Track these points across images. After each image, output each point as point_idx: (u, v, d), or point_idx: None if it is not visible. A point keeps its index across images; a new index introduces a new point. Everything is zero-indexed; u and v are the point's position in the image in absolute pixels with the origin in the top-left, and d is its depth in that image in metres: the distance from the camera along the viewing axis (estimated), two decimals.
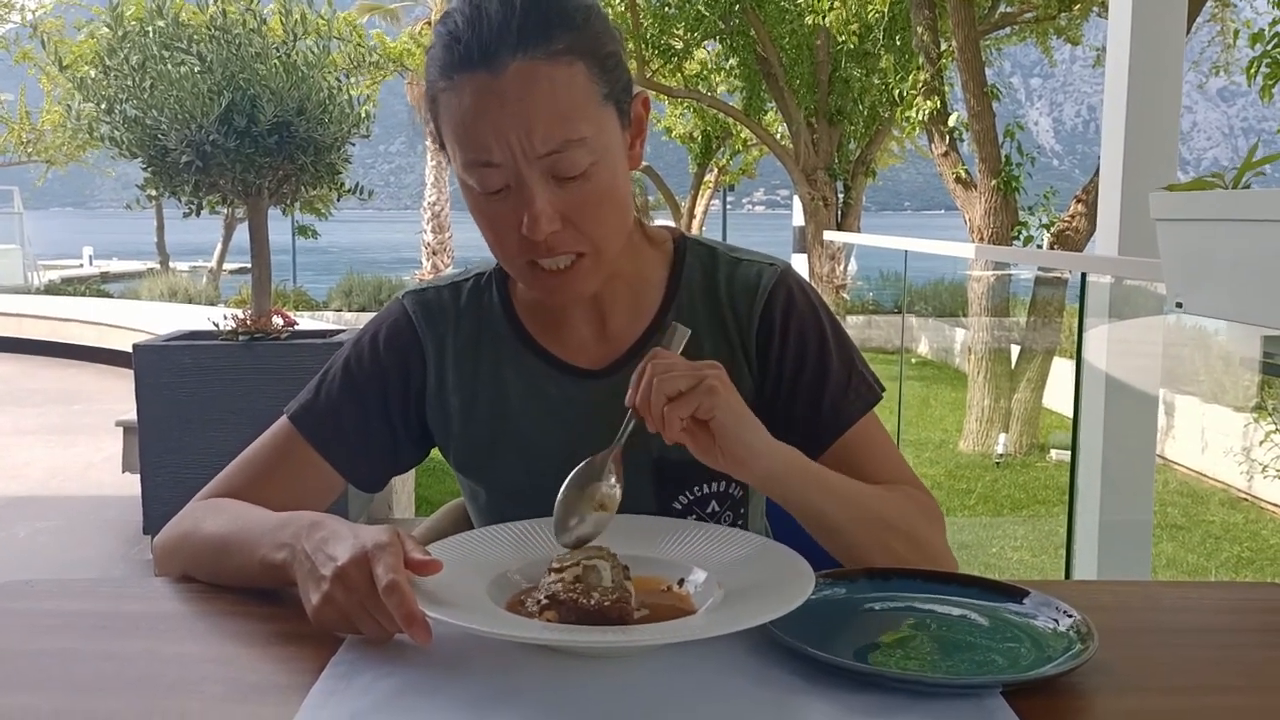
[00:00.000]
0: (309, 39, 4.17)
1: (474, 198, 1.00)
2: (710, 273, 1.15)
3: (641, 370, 0.93)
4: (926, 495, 1.10)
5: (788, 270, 1.15)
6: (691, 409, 0.91)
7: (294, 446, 1.12)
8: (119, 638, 0.90)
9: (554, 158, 0.95)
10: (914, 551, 1.03)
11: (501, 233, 1.00)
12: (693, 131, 16.86)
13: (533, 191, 0.96)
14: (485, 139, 0.95)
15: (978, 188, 7.61)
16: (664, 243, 1.17)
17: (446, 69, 0.96)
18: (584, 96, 0.96)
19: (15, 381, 8.15)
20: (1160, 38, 2.88)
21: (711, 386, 0.91)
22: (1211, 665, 0.86)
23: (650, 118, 1.09)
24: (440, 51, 0.97)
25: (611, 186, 1.00)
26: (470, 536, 1.04)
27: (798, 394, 1.11)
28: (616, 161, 1.00)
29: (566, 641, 0.83)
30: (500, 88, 0.94)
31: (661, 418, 0.91)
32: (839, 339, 1.14)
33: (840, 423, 1.10)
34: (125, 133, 3.86)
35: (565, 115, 0.95)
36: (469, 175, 0.98)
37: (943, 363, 11.65)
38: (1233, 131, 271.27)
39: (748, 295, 1.13)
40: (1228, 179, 1.38)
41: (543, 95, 0.94)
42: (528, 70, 0.94)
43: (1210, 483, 6.54)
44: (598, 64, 0.97)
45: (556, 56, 0.94)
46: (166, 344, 3.90)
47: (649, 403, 0.91)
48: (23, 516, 4.56)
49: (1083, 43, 11.91)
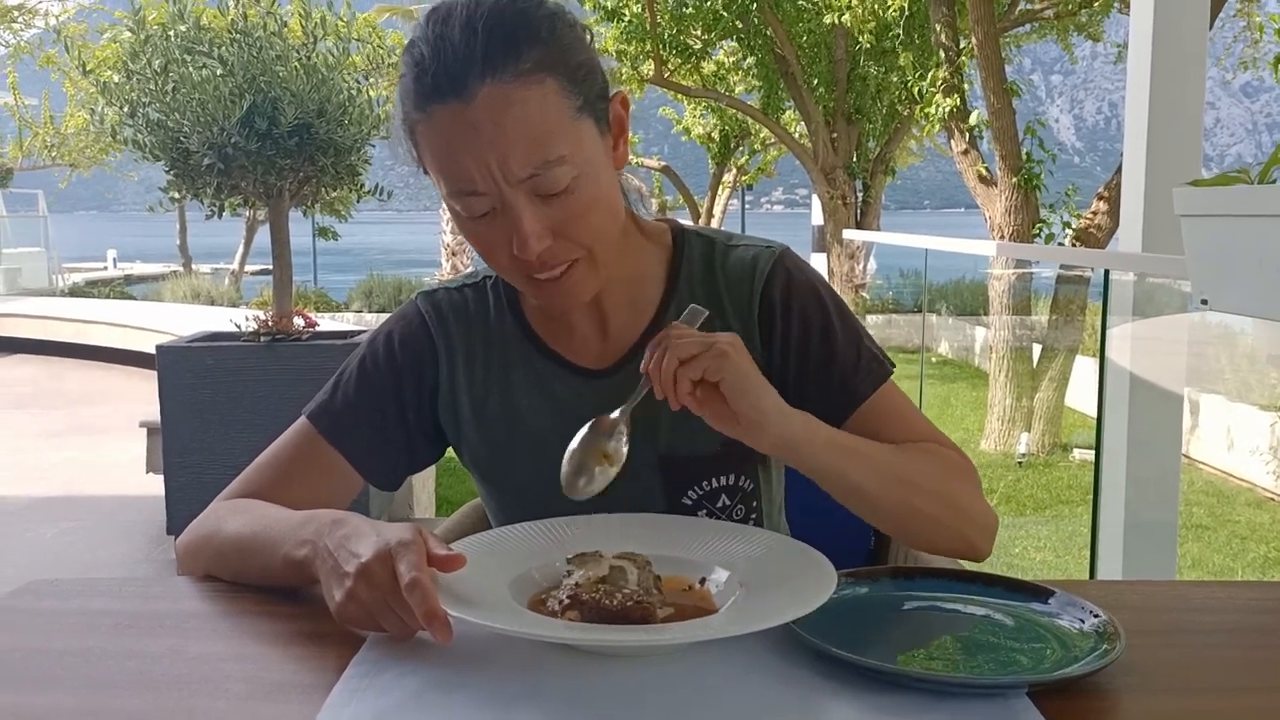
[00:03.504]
0: (329, 41, 4.19)
1: (463, 222, 1.01)
2: (709, 262, 1.15)
3: (658, 340, 0.94)
4: (956, 451, 1.08)
5: (785, 252, 1.15)
6: (700, 371, 0.91)
7: (312, 445, 1.12)
8: (143, 637, 0.91)
9: (535, 179, 0.95)
10: (943, 508, 1.02)
11: (495, 253, 1.01)
12: (711, 131, 16.84)
13: (519, 214, 0.96)
14: (466, 169, 0.95)
15: (998, 185, 7.56)
16: (661, 235, 1.17)
17: (419, 101, 0.96)
18: (557, 114, 0.96)
19: (41, 383, 8.24)
20: (1182, 33, 2.86)
21: (722, 351, 0.92)
22: (1240, 666, 0.85)
23: (669, 118, 1.09)
24: (410, 83, 0.97)
25: (597, 195, 1.00)
26: (492, 535, 1.04)
27: (806, 374, 1.11)
28: (600, 170, 1.00)
29: (588, 640, 0.83)
30: (472, 116, 0.93)
31: (673, 380, 0.91)
32: (843, 317, 1.13)
33: (853, 399, 1.09)
34: (148, 136, 3.89)
35: (540, 137, 0.94)
36: (455, 202, 0.99)
37: (963, 361, 11.58)
38: (1257, 127, 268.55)
39: (746, 280, 1.13)
40: (1254, 174, 1.36)
41: (515, 119, 0.93)
42: (498, 94, 0.93)
43: (1236, 482, 6.47)
44: (568, 76, 0.97)
45: (525, 76, 0.94)
46: (189, 345, 3.93)
47: (660, 368, 0.92)
48: (48, 517, 4.60)
49: (1104, 39, 11.82)
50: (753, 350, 1.11)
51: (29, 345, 9.39)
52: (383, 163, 4.88)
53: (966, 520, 1.04)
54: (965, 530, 1.04)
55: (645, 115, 27.75)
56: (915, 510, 1.01)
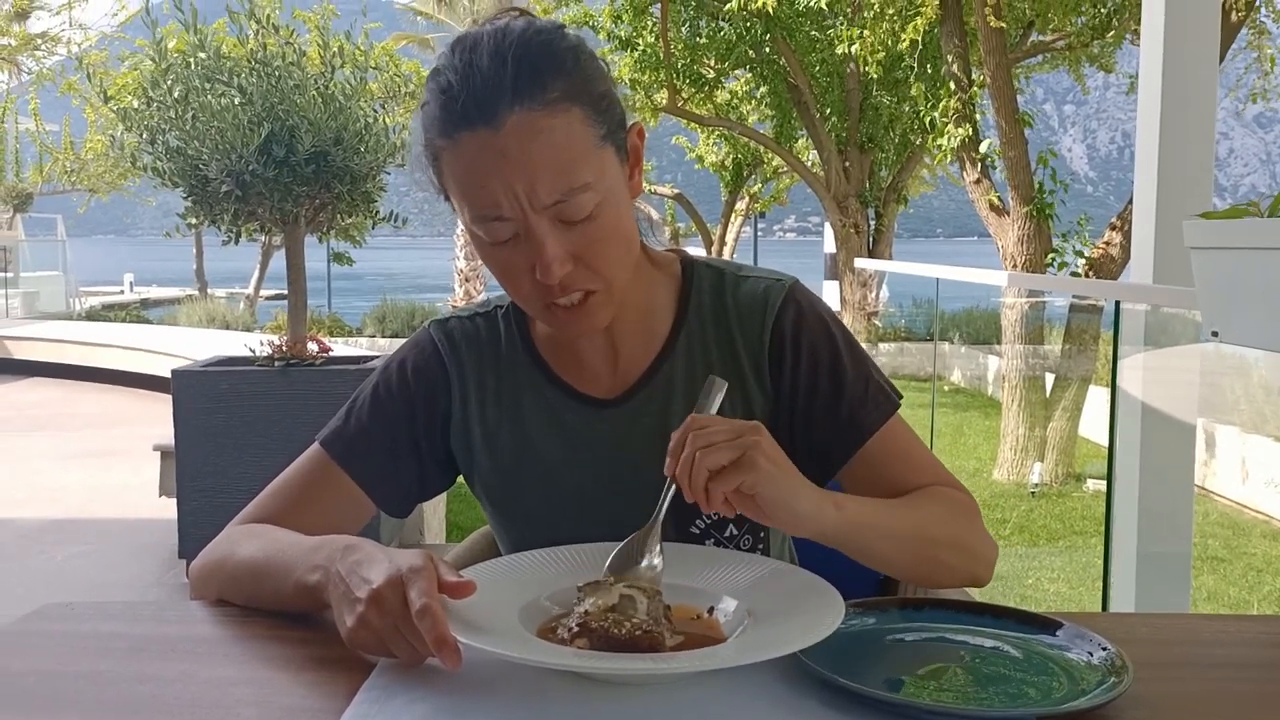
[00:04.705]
0: (346, 70, 4.25)
1: (484, 247, 1.02)
2: (718, 293, 1.15)
3: (681, 439, 0.91)
4: (961, 491, 1.11)
5: (795, 285, 1.15)
6: (734, 485, 0.89)
7: (326, 471, 1.13)
8: (156, 660, 0.92)
9: (560, 206, 0.97)
10: (956, 555, 1.05)
11: (515, 278, 1.02)
12: (724, 159, 16.92)
13: (542, 239, 0.97)
14: (493, 195, 0.96)
15: (1010, 215, 7.56)
16: (670, 265, 1.18)
17: (446, 127, 0.97)
18: (583, 142, 0.97)
19: (56, 406, 8.29)
20: (1193, 64, 2.87)
21: (753, 460, 0.89)
22: (1251, 700, 0.84)
23: (682, 146, 1.10)
24: (437, 110, 0.98)
25: (617, 223, 1.01)
26: (502, 562, 1.05)
27: (815, 408, 1.11)
28: (620, 198, 1.02)
29: (596, 668, 0.83)
30: (501, 143, 0.95)
31: (704, 492, 0.89)
32: (852, 350, 1.14)
33: (861, 434, 1.10)
34: (167, 162, 3.94)
35: (567, 164, 0.96)
36: (478, 228, 1.00)
37: (976, 390, 11.54)
38: (1270, 158, 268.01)
39: (757, 313, 1.13)
40: (1264, 206, 1.37)
41: (544, 147, 0.95)
42: (526, 122, 0.95)
43: (1252, 514, 6.41)
44: (592, 106, 0.99)
45: (553, 105, 0.96)
46: (204, 369, 3.96)
47: (689, 476, 0.89)
48: (60, 539, 4.62)
49: (1116, 70, 11.85)
50: (758, 384, 1.12)
51: (45, 368, 9.46)
52: (398, 189, 4.92)
53: (975, 560, 1.07)
54: (974, 569, 1.07)
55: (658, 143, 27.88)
56: (936, 564, 1.05)
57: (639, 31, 11.92)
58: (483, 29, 0.99)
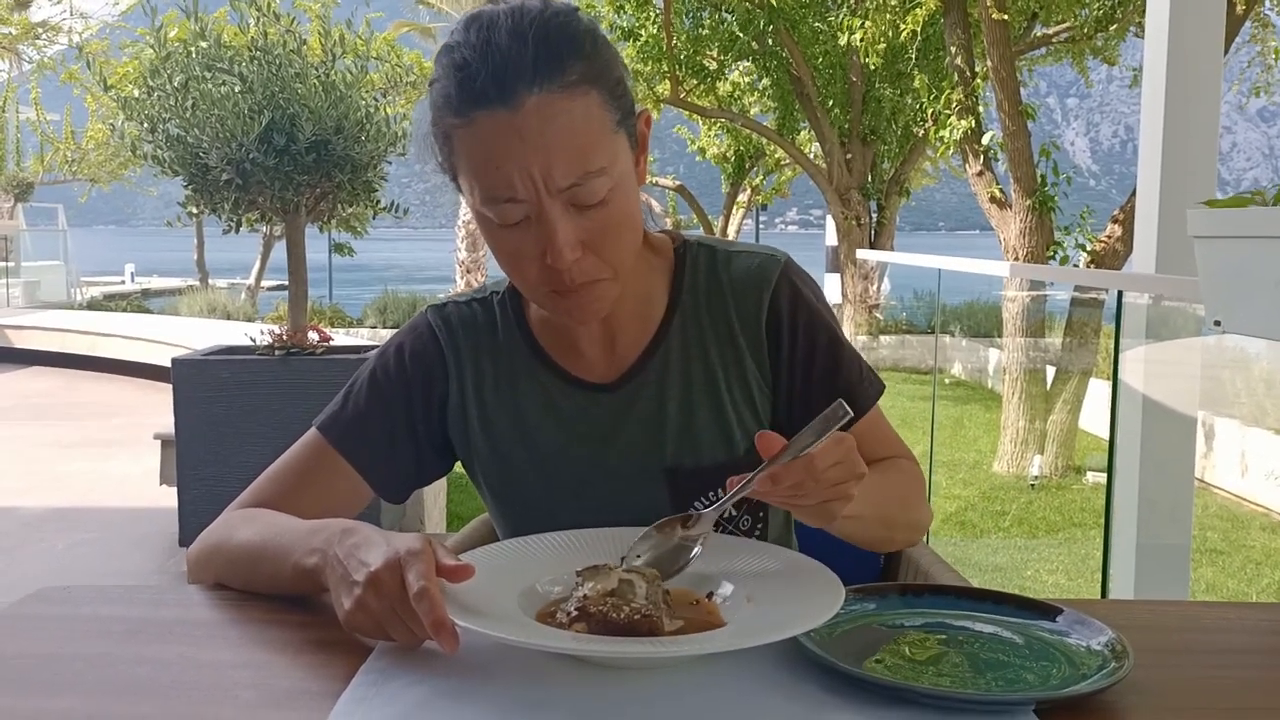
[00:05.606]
0: (347, 59, 4.23)
1: (492, 230, 1.00)
2: (712, 270, 1.15)
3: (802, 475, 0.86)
4: (913, 463, 1.19)
5: (789, 262, 1.16)
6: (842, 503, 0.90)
7: (323, 455, 1.13)
8: (154, 643, 0.92)
9: (574, 190, 0.96)
10: (907, 534, 1.18)
11: (523, 263, 1.01)
12: (726, 151, 16.90)
13: (554, 224, 0.96)
14: (507, 177, 0.95)
15: (1013, 207, 7.55)
16: (665, 248, 1.18)
17: (461, 106, 0.95)
18: (600, 126, 0.96)
19: (57, 395, 8.29)
20: (1197, 58, 2.86)
21: (850, 494, 0.90)
22: (1251, 686, 0.84)
23: (684, 137, 1.10)
24: (453, 88, 0.95)
25: (627, 209, 1.01)
26: (501, 547, 1.04)
27: (812, 386, 1.12)
28: (630, 185, 1.02)
29: (596, 652, 0.83)
30: (519, 124, 0.93)
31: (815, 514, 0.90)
32: (840, 333, 1.17)
33: (857, 414, 1.11)
34: (167, 151, 3.93)
35: (584, 148, 0.95)
36: (488, 209, 0.98)
37: (976, 383, 11.54)
38: (1273, 152, 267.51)
39: (754, 289, 1.13)
40: (1268, 196, 1.36)
41: (562, 129, 0.94)
42: (545, 104, 0.93)
43: (1251, 507, 6.41)
44: (608, 91, 0.98)
45: (571, 88, 0.94)
46: (205, 359, 3.96)
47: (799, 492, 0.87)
48: (61, 528, 4.63)
49: (1119, 63, 11.82)
50: (754, 360, 1.13)
51: (46, 357, 9.47)
52: (399, 179, 4.92)
53: (917, 533, 1.20)
54: (914, 538, 1.21)
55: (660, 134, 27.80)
56: (886, 541, 1.17)
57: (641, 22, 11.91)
58: (498, 6, 0.97)
